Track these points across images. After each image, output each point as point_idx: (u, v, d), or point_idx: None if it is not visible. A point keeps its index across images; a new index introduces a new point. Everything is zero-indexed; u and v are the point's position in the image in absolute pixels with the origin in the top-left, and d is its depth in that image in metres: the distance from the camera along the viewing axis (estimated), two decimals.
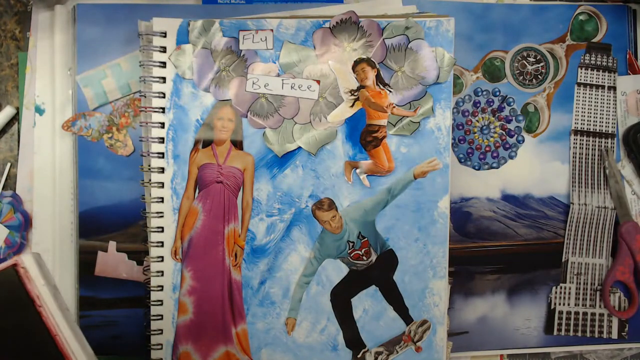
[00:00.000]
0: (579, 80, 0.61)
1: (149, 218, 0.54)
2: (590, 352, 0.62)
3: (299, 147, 0.55)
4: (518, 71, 0.61)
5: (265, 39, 0.54)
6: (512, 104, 0.61)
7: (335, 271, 0.56)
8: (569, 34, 0.61)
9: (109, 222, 0.57)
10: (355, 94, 0.55)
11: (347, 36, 0.54)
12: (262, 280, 0.56)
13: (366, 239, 0.56)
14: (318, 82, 0.54)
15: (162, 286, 0.55)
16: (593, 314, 0.61)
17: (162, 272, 0.55)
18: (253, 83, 0.54)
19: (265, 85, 0.54)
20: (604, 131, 0.61)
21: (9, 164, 0.59)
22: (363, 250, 0.56)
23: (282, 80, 0.54)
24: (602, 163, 0.61)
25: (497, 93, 0.60)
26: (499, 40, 0.61)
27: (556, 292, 0.61)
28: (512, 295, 0.61)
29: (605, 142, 0.61)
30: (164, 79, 0.54)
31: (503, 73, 0.61)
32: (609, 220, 0.61)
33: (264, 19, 0.55)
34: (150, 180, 0.54)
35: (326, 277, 0.56)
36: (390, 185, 0.55)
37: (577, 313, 0.61)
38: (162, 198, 0.54)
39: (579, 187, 0.61)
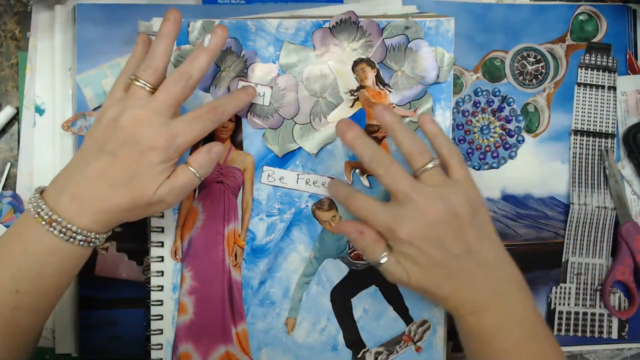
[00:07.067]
0: (579, 80, 0.61)
1: (149, 218, 0.54)
2: (590, 352, 0.62)
3: (299, 147, 0.55)
4: (518, 71, 0.61)
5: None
6: (512, 104, 0.61)
7: (335, 271, 0.56)
8: (569, 34, 0.61)
9: None
10: (355, 94, 0.55)
11: (347, 36, 0.54)
12: (262, 280, 0.56)
13: None
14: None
15: (162, 286, 0.55)
16: (593, 314, 0.61)
17: (162, 272, 0.55)
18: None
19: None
20: (604, 131, 0.61)
21: (9, 164, 0.59)
22: None
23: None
24: (602, 163, 0.61)
25: (497, 93, 0.60)
26: (499, 40, 0.60)
27: (556, 292, 0.61)
28: None
29: (605, 142, 0.61)
30: None
31: (503, 73, 0.61)
32: (609, 220, 0.61)
33: (264, 19, 0.55)
34: None
35: (326, 277, 0.56)
36: None
37: (577, 313, 0.61)
38: None
39: (579, 187, 0.61)
